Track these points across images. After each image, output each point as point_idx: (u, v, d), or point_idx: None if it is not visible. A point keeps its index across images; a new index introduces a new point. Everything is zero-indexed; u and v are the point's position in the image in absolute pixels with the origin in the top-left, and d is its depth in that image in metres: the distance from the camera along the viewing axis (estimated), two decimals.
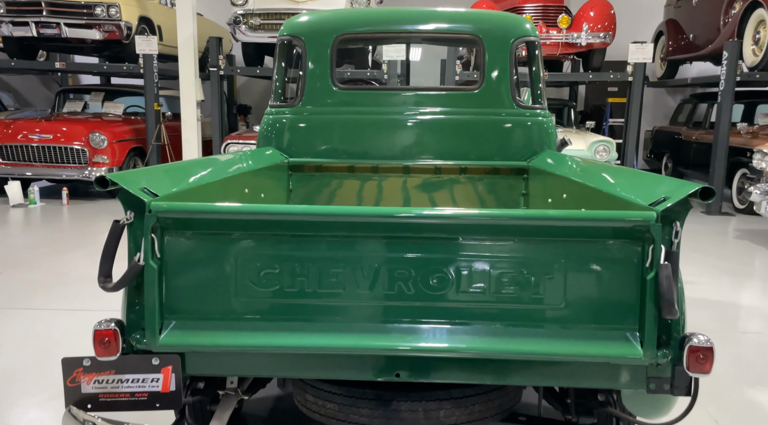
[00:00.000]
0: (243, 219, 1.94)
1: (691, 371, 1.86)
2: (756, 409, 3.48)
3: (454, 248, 1.94)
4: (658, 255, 1.83)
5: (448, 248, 1.94)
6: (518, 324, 1.95)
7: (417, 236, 1.94)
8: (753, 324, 4.92)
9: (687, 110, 13.21)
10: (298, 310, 1.96)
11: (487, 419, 2.26)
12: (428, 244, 1.94)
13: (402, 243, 1.94)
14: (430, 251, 1.94)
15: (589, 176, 2.82)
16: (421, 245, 1.94)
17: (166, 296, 1.93)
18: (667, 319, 1.88)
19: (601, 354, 1.91)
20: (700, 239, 8.15)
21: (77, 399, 1.94)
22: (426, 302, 1.95)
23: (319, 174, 4.00)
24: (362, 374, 2.03)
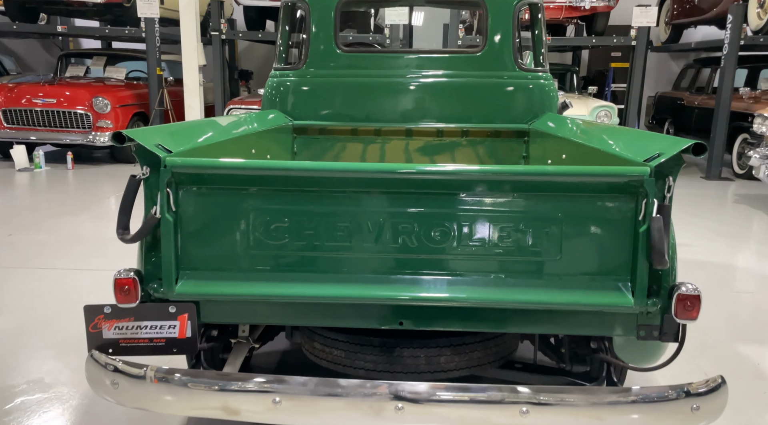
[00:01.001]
0: (253, 175, 2.02)
1: (679, 318, 1.96)
2: (743, 362, 3.60)
3: (455, 203, 2.03)
4: (650, 209, 1.91)
5: (449, 204, 2.03)
6: (516, 275, 2.05)
7: (419, 192, 2.03)
8: (747, 285, 5.03)
9: (690, 75, 13.18)
10: (306, 262, 2.06)
11: (485, 365, 2.37)
12: (430, 199, 2.03)
13: (405, 198, 2.03)
14: (432, 206, 2.03)
15: (588, 136, 2.90)
16: (424, 200, 2.03)
17: (181, 248, 2.03)
18: (657, 270, 1.98)
19: (595, 303, 2.01)
20: (698, 203, 8.24)
21: (99, 344, 2.05)
22: (428, 255, 2.05)
23: (323, 137, 4.07)
24: (367, 322, 2.13)
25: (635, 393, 1.96)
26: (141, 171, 1.98)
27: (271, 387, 1.94)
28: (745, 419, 2.98)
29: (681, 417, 1.97)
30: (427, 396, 1.94)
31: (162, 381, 1.99)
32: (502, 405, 1.94)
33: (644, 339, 2.08)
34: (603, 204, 2.01)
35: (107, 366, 2.01)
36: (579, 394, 1.96)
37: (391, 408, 1.93)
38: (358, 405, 1.94)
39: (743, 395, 3.21)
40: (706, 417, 1.99)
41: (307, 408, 1.95)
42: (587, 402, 1.94)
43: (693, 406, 1.96)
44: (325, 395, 1.94)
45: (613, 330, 2.12)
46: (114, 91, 10.17)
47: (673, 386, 2.02)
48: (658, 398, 1.96)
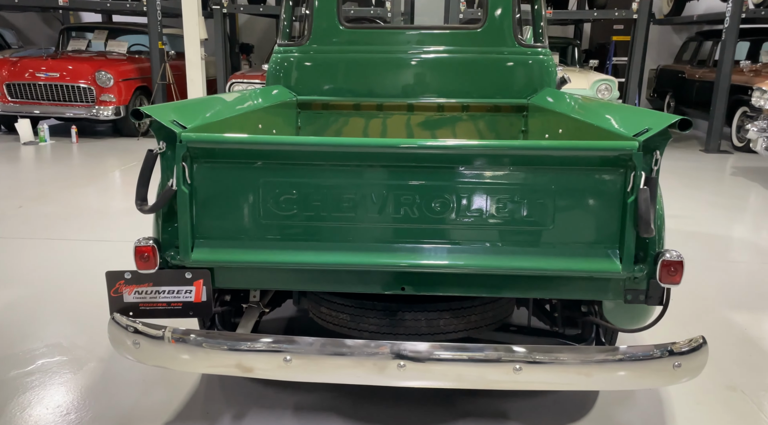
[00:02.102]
0: (263, 150, 2.14)
1: (663, 282, 2.10)
2: (732, 327, 3.75)
3: (453, 176, 2.15)
4: (638, 181, 2.03)
5: (447, 176, 2.15)
6: (511, 244, 2.18)
7: (419, 166, 2.15)
8: (741, 255, 5.17)
9: (692, 48, 13.19)
10: (313, 231, 2.18)
11: (482, 328, 2.52)
12: (430, 172, 2.15)
13: (406, 172, 2.15)
14: (431, 178, 2.15)
15: (584, 111, 3.01)
16: (423, 173, 2.15)
17: (196, 218, 2.16)
18: (644, 238, 2.10)
19: (585, 269, 2.14)
20: (697, 176, 8.35)
21: (120, 307, 2.19)
22: (428, 225, 2.17)
23: (326, 112, 4.18)
24: (371, 287, 2.27)
25: (621, 352, 2.11)
26: (158, 146, 2.10)
27: (282, 347, 2.09)
28: (729, 379, 3.13)
29: (664, 373, 2.11)
30: (427, 354, 2.08)
31: (179, 341, 2.14)
32: (496, 363, 2.08)
33: (631, 303, 2.22)
34: (594, 176, 2.13)
35: (128, 328, 2.15)
36: (569, 353, 2.10)
37: (394, 366, 2.07)
38: (363, 363, 2.08)
39: (730, 358, 3.36)
40: (687, 374, 2.13)
41: (316, 366, 2.09)
42: (576, 360, 2.08)
43: (675, 364, 2.10)
44: (332, 354, 2.09)
45: (602, 294, 2.25)
46: (116, 65, 10.23)
47: (658, 345, 2.17)
48: (642, 356, 2.10)
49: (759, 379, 3.15)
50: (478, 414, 2.81)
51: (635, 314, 2.41)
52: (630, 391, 2.99)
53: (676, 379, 2.14)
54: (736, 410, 2.89)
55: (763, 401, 2.96)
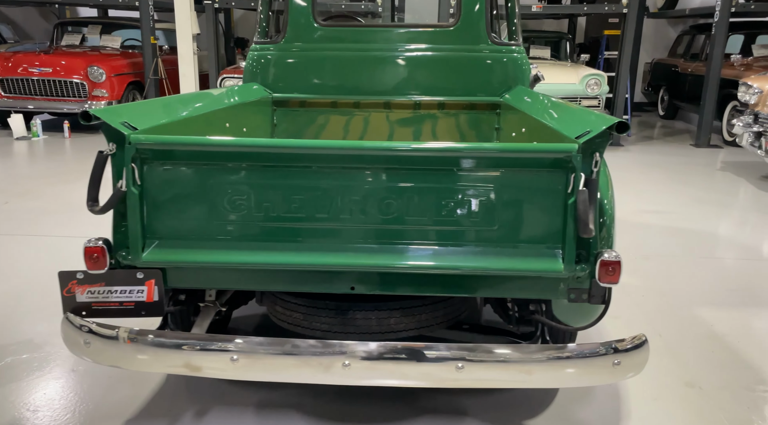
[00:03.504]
0: (212, 151, 2.18)
1: (602, 282, 2.14)
2: (699, 323, 3.79)
3: (399, 177, 2.19)
4: (578, 182, 2.07)
5: (393, 178, 2.19)
6: (457, 244, 2.22)
7: (365, 167, 2.18)
8: (718, 250, 5.20)
9: (685, 41, 13.18)
10: (263, 231, 2.23)
11: (433, 327, 2.56)
12: (376, 174, 2.19)
13: (353, 173, 2.19)
14: (378, 180, 2.19)
15: (541, 111, 3.04)
16: (371, 174, 2.19)
17: (147, 219, 2.20)
18: (586, 238, 2.14)
19: (529, 268, 2.18)
20: (684, 170, 8.38)
21: (73, 307, 2.24)
22: (377, 225, 2.22)
23: (303, 109, 4.22)
24: (322, 287, 2.32)
25: (561, 350, 2.15)
26: (108, 147, 2.14)
27: (229, 346, 2.14)
28: (689, 376, 3.17)
29: (604, 371, 2.16)
30: (371, 353, 2.13)
31: (133, 341, 2.19)
32: (439, 362, 2.13)
33: (575, 302, 2.26)
34: (536, 178, 2.17)
35: (82, 328, 2.20)
36: (509, 351, 2.14)
37: (339, 365, 2.12)
38: (309, 363, 2.13)
39: (692, 354, 3.40)
40: (628, 371, 2.18)
41: (262, 365, 2.14)
42: (517, 359, 2.13)
43: (615, 362, 2.15)
44: (279, 353, 2.13)
45: (546, 293, 2.30)
46: (109, 60, 10.27)
47: (603, 343, 2.21)
48: (581, 354, 2.15)
49: (719, 376, 3.19)
50: (439, 411, 2.86)
51: (586, 312, 2.45)
52: (589, 388, 3.03)
53: (617, 377, 2.19)
54: (692, 406, 2.93)
55: (720, 397, 3.00)
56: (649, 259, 4.92)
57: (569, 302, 2.27)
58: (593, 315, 2.42)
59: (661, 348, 3.47)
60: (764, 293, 4.28)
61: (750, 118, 7.56)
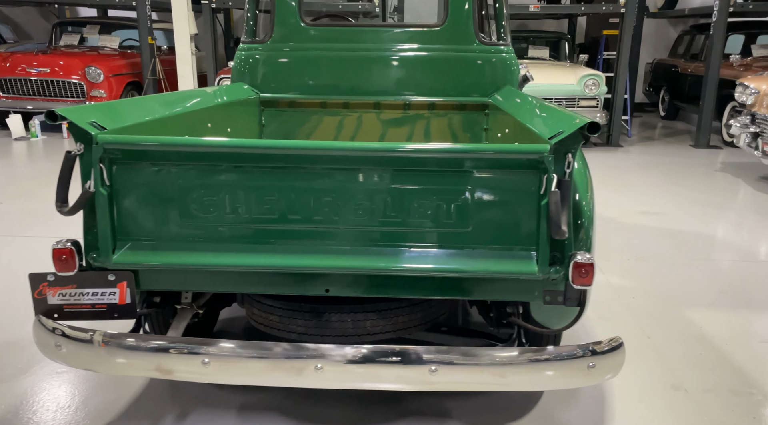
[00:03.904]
0: (182, 151, 2.15)
1: (575, 284, 2.11)
2: (688, 325, 3.76)
3: (372, 178, 2.16)
4: (550, 183, 2.05)
5: (367, 178, 2.16)
6: (431, 245, 2.20)
7: (338, 168, 2.16)
8: (711, 252, 5.16)
9: (685, 41, 13.13)
10: (235, 233, 2.21)
11: (411, 329, 2.54)
12: (350, 175, 2.17)
13: (326, 174, 2.16)
14: (351, 181, 2.16)
15: (522, 112, 3.02)
16: (344, 175, 2.17)
17: (118, 220, 2.18)
18: (561, 240, 2.12)
19: (503, 270, 2.16)
20: (682, 171, 8.34)
21: (44, 309, 2.22)
22: (350, 226, 2.19)
23: (291, 110, 4.20)
24: (296, 289, 2.30)
25: (535, 353, 2.13)
26: (76, 147, 2.12)
27: (201, 350, 2.12)
28: (675, 378, 3.15)
29: (578, 374, 2.13)
30: (344, 357, 2.11)
31: (106, 344, 2.17)
32: (412, 365, 2.11)
33: (550, 304, 2.23)
34: (510, 179, 2.14)
35: (55, 331, 2.18)
36: (483, 354, 2.12)
37: (311, 368, 2.10)
38: (281, 366, 2.11)
39: (680, 357, 3.38)
40: (603, 374, 2.15)
41: (234, 369, 2.12)
42: (490, 362, 2.11)
43: (589, 364, 2.12)
44: (251, 356, 2.12)
45: (521, 295, 2.27)
46: (107, 60, 10.27)
47: (580, 345, 2.19)
48: (556, 357, 2.12)
49: (705, 378, 3.16)
50: (423, 413, 2.84)
51: (565, 314, 2.42)
52: (574, 390, 3.01)
53: (592, 380, 2.17)
54: (676, 409, 2.91)
55: (705, 400, 2.97)
56: (643, 260, 4.89)
57: (545, 304, 2.24)
58: (572, 317, 2.39)
59: (648, 350, 3.44)
60: (755, 295, 4.24)
61: (747, 118, 7.52)
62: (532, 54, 10.95)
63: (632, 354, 3.39)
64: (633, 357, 3.36)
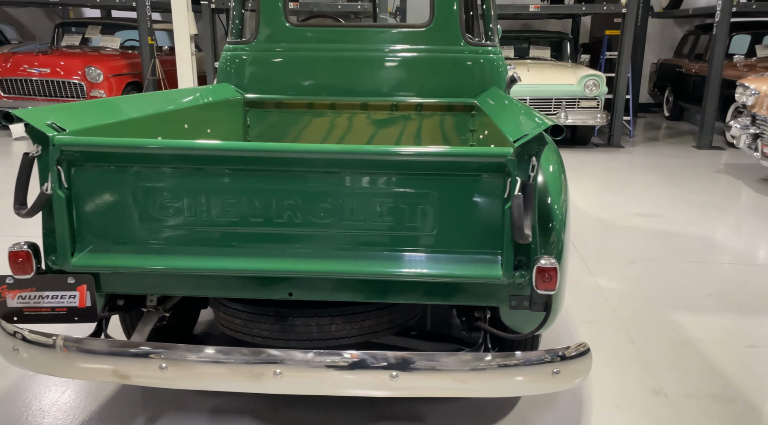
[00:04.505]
0: (141, 153, 2.12)
1: (538, 289, 2.07)
2: (674, 329, 3.71)
3: (336, 180, 2.13)
4: (514, 187, 2.01)
5: (329, 181, 2.13)
6: (395, 249, 2.16)
7: (302, 170, 2.13)
8: (704, 254, 5.09)
9: (690, 42, 13.03)
10: (197, 236, 2.18)
11: (378, 334, 2.50)
12: (313, 177, 2.13)
13: (289, 176, 2.13)
14: (314, 183, 2.13)
15: (499, 114, 2.98)
16: (307, 178, 2.13)
17: (77, 222, 2.15)
18: (526, 243, 2.08)
19: (467, 274, 2.12)
20: (682, 172, 8.26)
21: (4, 312, 2.20)
22: (313, 229, 2.16)
23: (277, 111, 4.17)
24: (259, 293, 2.26)
25: (499, 359, 2.09)
26: (33, 149, 2.10)
27: (158, 354, 2.09)
28: (656, 383, 3.10)
29: (542, 380, 2.09)
30: (303, 362, 2.08)
31: (68, 349, 2.14)
32: (373, 371, 2.07)
33: (516, 309, 2.19)
34: (474, 183, 2.11)
35: (16, 335, 2.16)
36: (445, 360, 2.08)
37: (270, 374, 2.07)
38: (239, 371, 2.08)
39: (662, 361, 3.32)
40: (568, 381, 2.11)
41: (191, 374, 2.09)
42: (452, 367, 2.07)
43: (554, 371, 2.08)
44: (209, 361, 2.09)
45: (487, 300, 2.23)
46: (107, 60, 10.28)
47: (548, 350, 2.15)
48: (520, 362, 2.08)
49: (686, 383, 3.11)
50: (396, 417, 2.81)
51: (534, 319, 2.38)
52: (551, 394, 2.97)
53: (556, 386, 2.13)
54: (654, 415, 2.86)
55: (684, 406, 2.93)
56: (634, 263, 4.83)
57: (511, 309, 2.20)
58: (538, 322, 2.34)
59: (631, 354, 3.39)
60: (746, 299, 4.18)
61: (747, 119, 7.44)
62: (533, 54, 10.88)
63: (614, 358, 3.35)
64: (614, 361, 3.32)
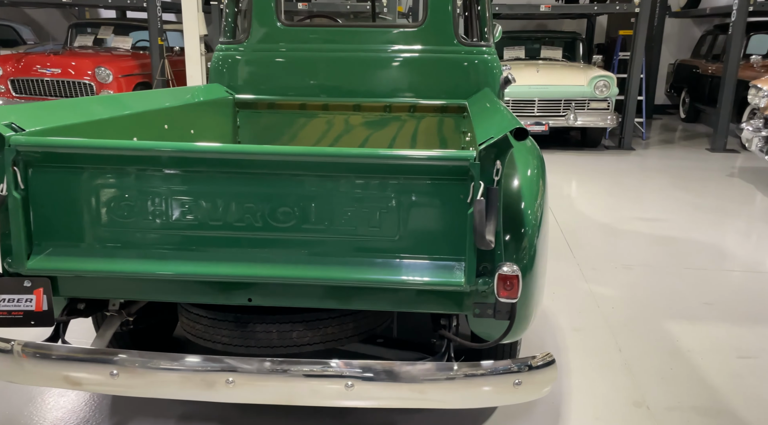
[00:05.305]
0: (99, 154, 2.08)
1: (500, 297, 2.00)
2: (664, 338, 3.61)
3: (295, 184, 2.08)
4: (477, 192, 1.94)
5: (291, 184, 2.08)
6: (357, 254, 2.10)
7: (260, 173, 2.08)
8: (704, 261, 4.96)
9: (708, 42, 12.82)
10: (155, 240, 2.13)
11: (342, 341, 2.44)
12: (272, 180, 2.08)
13: (248, 179, 2.08)
14: (274, 186, 2.08)
15: (479, 116, 2.91)
16: (267, 180, 2.08)
17: (34, 225, 2.12)
18: (490, 250, 2.01)
19: (430, 281, 2.06)
20: (692, 176, 8.11)
21: None
22: (273, 234, 2.11)
23: (268, 112, 4.13)
24: (218, 298, 2.22)
25: (458, 369, 2.03)
26: None
27: (109, 361, 2.05)
28: (639, 394, 3.01)
29: (503, 392, 2.03)
30: (256, 370, 2.03)
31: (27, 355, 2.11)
32: (328, 380, 2.02)
33: (480, 317, 2.13)
34: (438, 187, 2.05)
35: None
36: (402, 369, 2.02)
37: (222, 382, 2.03)
38: (191, 379, 2.04)
39: (649, 371, 3.23)
40: (530, 392, 2.05)
41: (142, 381, 2.05)
42: (409, 377, 2.01)
43: (515, 382, 2.02)
44: (160, 369, 2.04)
45: (450, 307, 2.17)
46: (117, 61, 10.33)
47: (514, 360, 2.09)
48: (481, 373, 2.02)
49: (670, 394, 3.02)
50: None
51: (501, 327, 2.31)
52: (529, 404, 2.89)
53: (518, 398, 2.06)
54: None
55: (667, 419, 2.83)
56: (631, 269, 4.73)
57: (474, 317, 2.14)
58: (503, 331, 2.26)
59: (617, 364, 3.30)
60: (744, 308, 4.06)
61: (760, 122, 7.27)
62: (545, 55, 10.77)
63: (598, 367, 3.27)
64: (599, 370, 3.24)
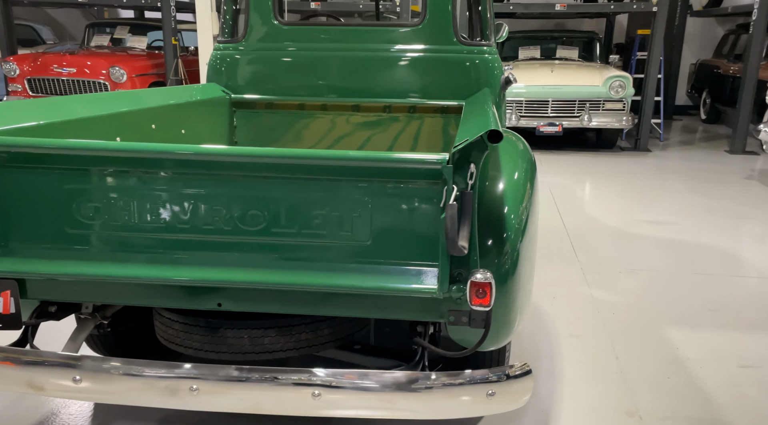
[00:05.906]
0: (62, 154, 2.03)
1: (473, 304, 1.93)
2: (664, 345, 3.50)
3: (265, 186, 2.02)
4: (449, 195, 1.87)
5: (261, 187, 2.03)
6: (328, 259, 2.04)
7: (231, 174, 2.02)
8: (712, 266, 4.83)
9: (730, 41, 12.58)
10: (122, 242, 2.08)
11: (317, 347, 2.38)
12: (242, 182, 2.03)
13: (217, 181, 2.03)
14: (244, 188, 2.03)
15: (466, 116, 2.84)
16: (236, 182, 2.03)
17: (1, 226, 2.08)
18: (464, 257, 1.94)
19: (402, 288, 1.99)
20: (707, 178, 7.95)
21: None
22: (241, 237, 2.05)
23: (266, 111, 4.08)
24: (188, 303, 2.17)
25: (426, 378, 1.96)
26: None
27: (73, 366, 2.01)
28: (633, 403, 2.91)
29: (475, 402, 1.97)
30: (221, 377, 1.98)
31: None
32: (294, 388, 1.97)
33: (455, 325, 2.06)
34: (411, 190, 1.98)
35: None
36: (371, 378, 1.96)
37: (186, 389, 1.98)
38: (155, 386, 2.00)
39: (646, 379, 3.14)
40: (504, 403, 1.98)
41: (105, 387, 2.01)
42: (378, 386, 1.94)
43: (489, 392, 1.95)
44: (124, 375, 2.00)
45: (424, 314, 2.10)
46: (131, 60, 10.39)
47: (492, 369, 2.02)
48: (450, 383, 1.95)
49: (666, 404, 2.92)
50: None
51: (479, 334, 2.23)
52: (516, 411, 2.81)
53: (491, 409, 1.99)
54: None
55: None
56: (635, 274, 4.61)
57: (450, 325, 2.07)
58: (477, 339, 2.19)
59: (612, 372, 3.21)
60: (749, 315, 3.94)
61: None
62: (560, 54, 10.63)
63: (593, 375, 3.18)
64: (593, 378, 3.15)
